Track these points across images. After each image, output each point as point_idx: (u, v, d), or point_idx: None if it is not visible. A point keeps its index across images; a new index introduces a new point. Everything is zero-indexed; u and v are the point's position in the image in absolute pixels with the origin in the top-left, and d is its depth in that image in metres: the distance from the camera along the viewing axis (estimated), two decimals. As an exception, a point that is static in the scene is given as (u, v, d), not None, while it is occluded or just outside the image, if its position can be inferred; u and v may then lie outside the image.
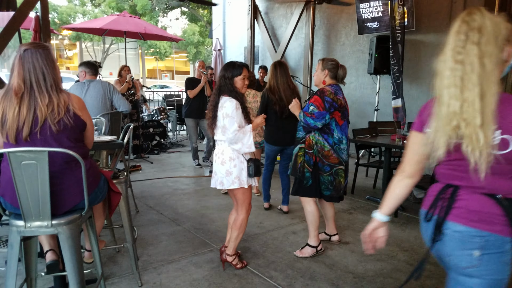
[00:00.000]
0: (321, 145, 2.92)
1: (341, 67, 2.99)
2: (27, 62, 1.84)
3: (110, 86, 4.23)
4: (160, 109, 8.66)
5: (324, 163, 2.93)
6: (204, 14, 25.24)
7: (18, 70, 1.84)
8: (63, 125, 1.87)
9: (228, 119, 2.58)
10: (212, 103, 2.72)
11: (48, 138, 1.85)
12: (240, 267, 2.85)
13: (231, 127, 2.57)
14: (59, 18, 24.11)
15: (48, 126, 1.84)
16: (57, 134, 1.86)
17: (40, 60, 1.86)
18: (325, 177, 2.96)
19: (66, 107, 1.88)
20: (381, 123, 5.66)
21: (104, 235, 3.32)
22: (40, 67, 1.85)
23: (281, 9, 9.00)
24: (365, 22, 7.22)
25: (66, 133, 1.89)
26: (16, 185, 1.73)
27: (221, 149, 2.71)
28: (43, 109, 1.82)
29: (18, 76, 1.83)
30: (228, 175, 2.66)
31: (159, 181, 5.34)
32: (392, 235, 3.50)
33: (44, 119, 1.83)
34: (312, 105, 2.89)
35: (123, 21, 7.40)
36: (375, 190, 5.05)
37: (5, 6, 4.30)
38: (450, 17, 6.21)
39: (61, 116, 1.86)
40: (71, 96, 1.94)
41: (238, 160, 2.67)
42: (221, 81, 2.69)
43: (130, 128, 2.85)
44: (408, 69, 6.66)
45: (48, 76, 1.87)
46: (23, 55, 1.85)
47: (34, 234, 1.88)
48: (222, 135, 2.65)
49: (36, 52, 1.86)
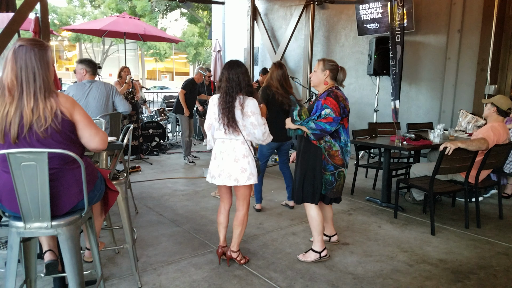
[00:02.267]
0: (330, 144, 2.87)
1: (341, 69, 2.94)
2: (20, 59, 1.76)
3: (113, 88, 4.20)
4: (159, 110, 8.67)
5: (328, 162, 2.88)
6: (204, 15, 25.26)
7: (11, 65, 1.76)
8: (51, 131, 1.80)
9: (256, 116, 2.68)
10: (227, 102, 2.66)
11: (34, 143, 1.78)
12: (244, 262, 2.91)
13: (261, 123, 2.69)
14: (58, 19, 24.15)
15: (34, 132, 1.77)
16: (44, 139, 1.79)
17: (34, 59, 1.77)
18: (326, 176, 2.93)
19: (54, 113, 1.79)
20: (381, 124, 5.67)
21: (103, 236, 3.32)
22: (32, 66, 1.77)
23: (280, 11, 9.01)
24: (364, 23, 7.23)
25: (55, 138, 1.82)
26: (15, 186, 1.72)
27: (232, 146, 2.73)
28: (28, 113, 1.74)
29: (12, 72, 1.75)
30: (243, 171, 2.70)
31: (158, 182, 5.34)
32: (392, 236, 3.50)
33: (30, 125, 1.75)
34: (327, 107, 2.77)
35: (123, 22, 7.41)
36: (374, 191, 5.05)
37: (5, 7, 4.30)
38: (450, 19, 6.22)
39: (48, 123, 1.77)
40: (58, 100, 1.83)
41: (250, 157, 2.74)
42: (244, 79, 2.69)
43: (130, 129, 2.85)
44: (408, 70, 6.68)
45: (39, 78, 1.77)
46: (17, 50, 1.77)
47: (33, 235, 1.87)
48: (246, 134, 2.71)
49: (31, 50, 1.77)
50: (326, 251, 3.04)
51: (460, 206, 4.33)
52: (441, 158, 3.45)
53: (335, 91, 2.86)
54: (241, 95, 2.68)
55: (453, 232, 3.61)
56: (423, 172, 4.09)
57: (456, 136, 4.73)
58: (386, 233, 3.59)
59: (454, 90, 6.28)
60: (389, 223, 3.85)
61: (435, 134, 4.44)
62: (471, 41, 6.01)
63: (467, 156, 3.57)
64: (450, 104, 6.34)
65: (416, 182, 3.89)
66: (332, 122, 2.76)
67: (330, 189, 2.93)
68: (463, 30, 6.09)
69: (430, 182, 3.55)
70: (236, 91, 2.67)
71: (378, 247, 3.29)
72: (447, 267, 2.93)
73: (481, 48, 5.92)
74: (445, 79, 6.37)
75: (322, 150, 2.88)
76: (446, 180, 3.97)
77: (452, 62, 6.26)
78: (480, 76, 6.00)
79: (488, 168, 3.83)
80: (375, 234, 3.58)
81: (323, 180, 2.93)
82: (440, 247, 3.29)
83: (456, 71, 6.23)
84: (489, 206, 4.42)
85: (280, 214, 4.09)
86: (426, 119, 6.49)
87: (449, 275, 2.81)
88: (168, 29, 29.43)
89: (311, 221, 3.02)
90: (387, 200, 4.37)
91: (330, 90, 2.87)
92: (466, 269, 2.89)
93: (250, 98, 2.69)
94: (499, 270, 2.90)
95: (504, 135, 3.80)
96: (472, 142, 3.59)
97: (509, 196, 4.72)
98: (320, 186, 2.93)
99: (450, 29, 6.23)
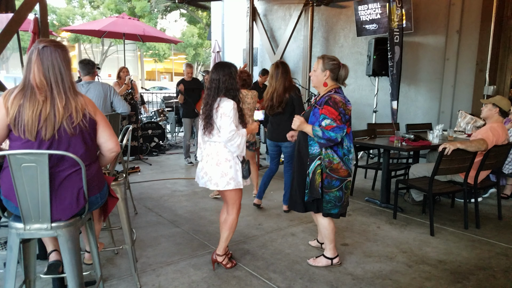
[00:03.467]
0: (329, 159, 2.67)
1: (343, 66, 2.74)
2: (46, 60, 1.80)
3: (110, 88, 4.20)
4: (158, 110, 8.67)
5: (333, 178, 2.69)
6: (203, 16, 25.28)
7: (38, 65, 1.79)
8: (79, 129, 1.86)
9: (226, 118, 2.58)
10: (207, 104, 2.67)
11: (63, 140, 1.83)
12: (230, 267, 2.86)
13: (228, 127, 2.57)
14: (58, 20, 24.14)
15: (63, 129, 1.82)
16: (71, 137, 1.85)
17: (59, 60, 1.83)
18: (332, 194, 2.72)
19: (83, 110, 1.87)
20: (380, 124, 5.68)
21: (103, 237, 3.31)
22: (58, 66, 1.82)
23: (279, 11, 9.02)
24: (363, 24, 7.24)
25: (81, 136, 1.88)
26: (15, 187, 1.72)
27: (215, 150, 2.69)
28: (60, 110, 1.80)
29: (39, 71, 1.79)
30: (223, 176, 2.65)
31: (157, 183, 5.34)
32: (391, 237, 3.50)
33: (61, 122, 1.81)
34: (326, 117, 2.59)
35: (122, 23, 7.42)
36: (373, 191, 5.06)
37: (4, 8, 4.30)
38: (448, 20, 6.24)
39: (78, 121, 1.85)
40: (86, 99, 1.92)
41: (233, 161, 2.68)
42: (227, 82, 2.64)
43: (129, 130, 2.85)
44: (407, 71, 6.69)
45: (66, 77, 1.84)
46: (41, 51, 1.80)
47: (33, 236, 1.87)
48: (218, 136, 2.65)
49: (56, 51, 1.83)
50: (338, 258, 2.95)
51: (459, 207, 4.33)
52: (440, 159, 3.45)
53: (333, 96, 2.64)
54: (222, 97, 2.64)
55: (452, 233, 3.62)
56: (422, 173, 4.10)
57: (455, 136, 4.73)
58: (385, 234, 3.59)
59: (453, 91, 6.30)
60: (388, 224, 3.85)
61: (434, 135, 4.45)
62: (470, 41, 6.02)
63: (466, 156, 3.57)
64: (449, 105, 6.35)
65: (415, 182, 3.89)
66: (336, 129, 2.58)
67: (340, 205, 2.76)
68: (462, 30, 6.10)
69: (429, 182, 3.55)
70: (215, 93, 2.64)
71: (377, 247, 3.29)
72: (446, 267, 2.94)
73: (479, 49, 5.94)
74: (444, 79, 6.38)
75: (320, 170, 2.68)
76: (445, 180, 3.97)
77: (451, 62, 6.27)
78: (479, 77, 6.01)
79: (487, 168, 3.83)
80: (374, 234, 3.58)
81: (329, 199, 2.73)
82: (439, 247, 3.29)
83: (455, 72, 6.25)
84: (488, 207, 4.42)
85: (279, 215, 4.09)
86: (425, 119, 6.50)
87: (448, 275, 2.82)
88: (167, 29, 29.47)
89: (322, 230, 2.91)
90: (386, 200, 4.37)
91: (328, 96, 2.66)
92: (465, 270, 2.90)
93: (227, 100, 2.62)
94: (498, 270, 2.90)
95: (503, 136, 3.81)
96: (471, 142, 3.59)
97: (508, 197, 4.72)
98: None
99: (449, 30, 6.25)
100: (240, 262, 2.97)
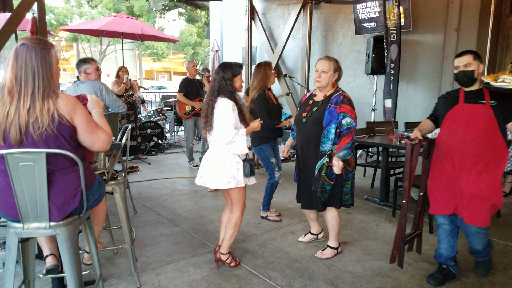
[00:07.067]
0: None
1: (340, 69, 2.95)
2: (20, 58, 1.70)
3: (101, 87, 4.03)
4: (157, 110, 8.67)
5: (348, 171, 2.85)
6: (202, 15, 25.24)
7: (12, 65, 1.70)
8: (46, 135, 1.73)
9: (224, 119, 2.59)
10: (207, 104, 2.71)
11: (29, 147, 1.73)
12: (234, 265, 2.87)
13: (227, 127, 2.58)
14: (56, 19, 24.06)
15: (30, 135, 1.71)
16: (38, 143, 1.73)
17: (34, 59, 1.71)
18: (348, 186, 2.91)
19: (51, 115, 1.71)
20: (379, 123, 5.67)
21: (102, 236, 3.31)
22: (32, 66, 1.70)
23: (278, 10, 9.01)
24: (362, 22, 7.24)
25: (49, 143, 1.75)
26: (13, 187, 1.72)
27: (216, 148, 2.71)
28: (23, 114, 1.68)
29: (12, 72, 1.70)
30: (223, 175, 2.66)
31: (157, 182, 5.33)
32: (390, 235, 3.51)
33: (26, 127, 1.69)
34: (347, 116, 2.75)
35: (120, 22, 7.41)
36: (372, 190, 5.06)
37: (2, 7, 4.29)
38: (447, 18, 6.24)
39: (45, 126, 1.70)
40: (58, 102, 1.75)
41: (234, 160, 2.68)
42: (221, 82, 2.67)
43: (128, 129, 2.84)
44: (405, 69, 6.69)
45: (38, 78, 1.71)
46: (18, 49, 1.71)
47: (32, 235, 1.87)
48: (218, 136, 2.66)
49: (33, 49, 1.72)
50: (341, 247, 3.13)
51: (458, 205, 4.33)
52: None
53: (344, 94, 2.83)
54: (223, 96, 2.67)
55: (451, 230, 3.62)
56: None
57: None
58: (385, 232, 3.60)
59: (452, 89, 6.29)
60: (387, 222, 3.86)
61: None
62: (468, 39, 6.02)
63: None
64: (448, 103, 6.34)
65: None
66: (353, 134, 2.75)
67: (351, 195, 2.95)
68: (460, 28, 6.11)
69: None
70: (217, 93, 2.68)
71: (376, 245, 3.30)
72: (445, 265, 2.94)
73: (478, 47, 5.93)
74: (443, 77, 6.38)
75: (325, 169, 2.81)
76: (444, 178, 3.97)
77: (450, 60, 6.27)
78: (478, 75, 6.01)
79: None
80: (374, 232, 3.58)
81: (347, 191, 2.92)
82: (439, 245, 3.29)
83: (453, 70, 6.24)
84: (487, 204, 4.42)
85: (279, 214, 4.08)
86: (424, 117, 6.40)
87: (448, 273, 2.82)
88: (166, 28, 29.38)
89: (331, 222, 3.02)
90: (386, 198, 4.37)
91: (342, 95, 2.82)
92: (464, 267, 2.90)
93: (224, 98, 2.65)
94: (497, 268, 2.91)
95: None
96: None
97: (507, 194, 4.73)
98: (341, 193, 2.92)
99: (447, 28, 6.25)
100: (240, 260, 2.97)
